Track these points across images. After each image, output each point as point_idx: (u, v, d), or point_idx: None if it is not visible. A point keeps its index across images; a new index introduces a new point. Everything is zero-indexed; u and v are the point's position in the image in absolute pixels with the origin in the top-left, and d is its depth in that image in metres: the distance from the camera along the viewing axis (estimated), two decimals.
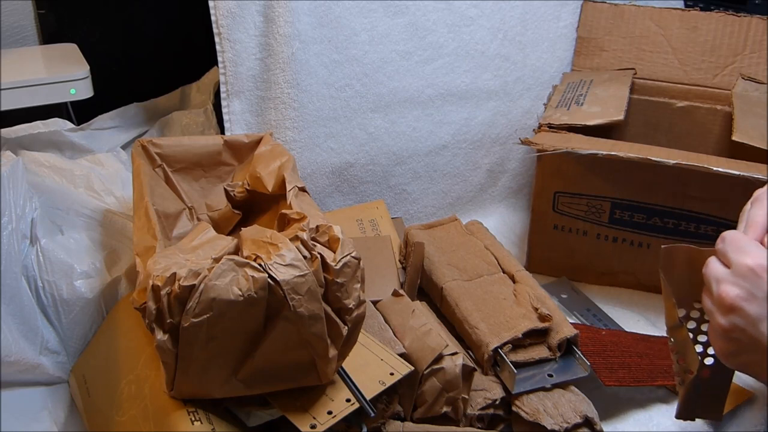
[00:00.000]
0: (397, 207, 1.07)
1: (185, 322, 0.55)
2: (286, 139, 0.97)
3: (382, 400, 0.69)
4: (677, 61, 1.09)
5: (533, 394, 0.73)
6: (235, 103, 0.97)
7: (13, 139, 0.91)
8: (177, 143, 0.82)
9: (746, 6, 1.19)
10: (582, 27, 1.15)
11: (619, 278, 0.97)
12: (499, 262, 0.88)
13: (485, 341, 0.75)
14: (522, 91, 1.12)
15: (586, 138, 0.91)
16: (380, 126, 1.02)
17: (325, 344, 0.60)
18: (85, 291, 0.77)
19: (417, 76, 1.04)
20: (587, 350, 0.77)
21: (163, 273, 0.55)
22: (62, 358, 0.78)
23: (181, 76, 1.21)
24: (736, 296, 0.57)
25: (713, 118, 1.07)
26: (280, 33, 0.93)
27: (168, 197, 0.78)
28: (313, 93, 0.97)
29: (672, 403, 0.78)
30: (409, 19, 1.02)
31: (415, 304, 0.78)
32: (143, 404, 0.64)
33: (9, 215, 0.74)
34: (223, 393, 0.60)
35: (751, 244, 0.58)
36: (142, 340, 0.70)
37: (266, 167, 0.76)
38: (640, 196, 0.91)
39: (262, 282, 0.56)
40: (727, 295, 0.57)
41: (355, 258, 0.60)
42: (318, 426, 0.60)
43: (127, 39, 1.18)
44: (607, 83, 1.05)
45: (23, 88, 0.93)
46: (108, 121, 1.07)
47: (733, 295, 0.57)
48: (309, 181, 0.99)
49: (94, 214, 0.84)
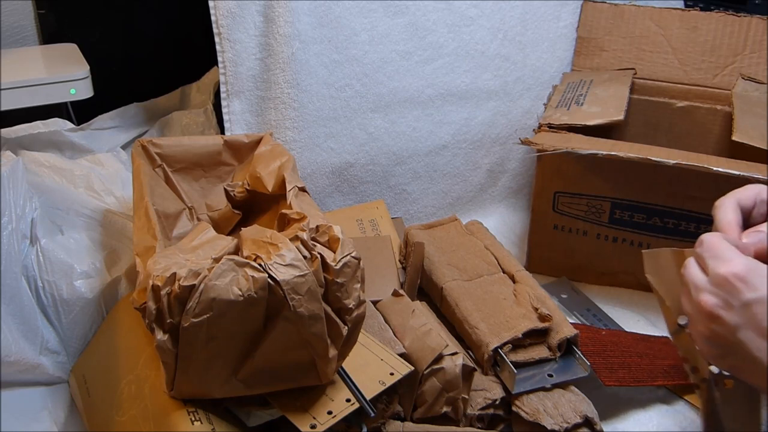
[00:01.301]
0: (397, 207, 1.07)
1: (185, 322, 0.55)
2: (286, 139, 0.97)
3: (382, 400, 0.69)
4: (677, 61, 1.09)
5: (533, 394, 0.73)
6: (235, 103, 0.97)
7: (13, 139, 0.91)
8: (177, 143, 0.82)
9: (746, 6, 1.19)
10: (582, 27, 1.15)
11: (619, 278, 0.97)
12: (499, 262, 0.88)
13: (485, 341, 0.75)
14: (522, 91, 1.12)
15: (586, 138, 0.91)
16: (380, 126, 1.02)
17: (325, 344, 0.60)
18: (85, 291, 0.77)
19: (417, 76, 1.04)
20: (587, 350, 0.77)
21: (163, 273, 0.55)
22: (62, 358, 0.78)
23: (181, 76, 1.21)
24: (714, 305, 0.57)
25: (713, 118, 1.07)
26: (280, 33, 0.93)
27: (168, 197, 0.78)
28: (313, 93, 0.97)
29: (672, 404, 0.78)
30: (409, 19, 1.02)
31: (415, 304, 0.78)
32: (143, 404, 0.64)
33: (9, 215, 0.74)
34: (223, 393, 0.60)
35: (726, 249, 0.58)
36: (142, 340, 0.70)
37: (266, 167, 0.76)
38: (640, 196, 0.91)
39: (262, 282, 0.56)
40: (705, 303, 0.57)
41: (355, 258, 0.60)
42: (318, 426, 0.60)
43: (127, 39, 1.18)
44: (607, 83, 1.05)
45: (23, 88, 0.93)
46: (108, 121, 1.07)
47: (711, 304, 0.57)
48: (309, 181, 0.99)
49: (94, 214, 0.84)
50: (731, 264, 0.57)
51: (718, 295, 0.57)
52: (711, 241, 0.59)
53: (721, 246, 0.58)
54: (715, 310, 0.57)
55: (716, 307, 0.57)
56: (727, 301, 0.57)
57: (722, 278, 0.57)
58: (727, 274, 0.57)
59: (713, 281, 0.57)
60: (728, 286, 0.57)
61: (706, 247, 0.59)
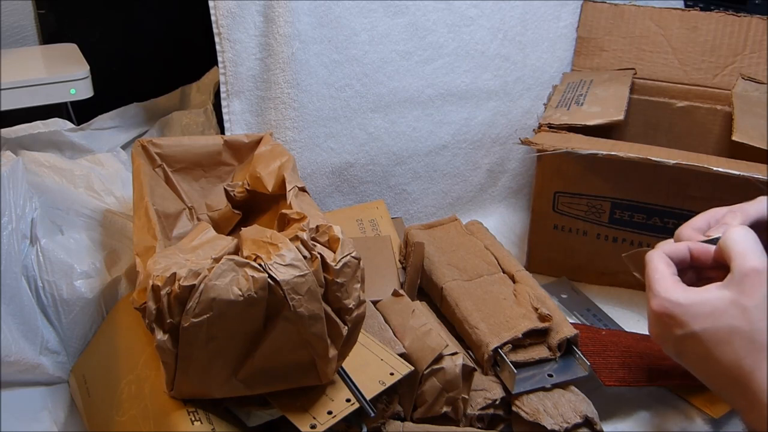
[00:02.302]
0: (397, 207, 1.07)
1: (185, 322, 0.55)
2: (286, 139, 0.97)
3: (382, 400, 0.69)
4: (677, 61, 1.09)
5: (533, 394, 0.73)
6: (235, 103, 0.97)
7: (13, 139, 0.91)
8: (177, 143, 0.82)
9: (746, 6, 1.19)
10: (582, 27, 1.15)
11: (619, 278, 0.97)
12: (499, 262, 0.88)
13: (485, 341, 0.75)
14: (522, 91, 1.12)
15: (586, 138, 0.91)
16: (380, 126, 1.02)
17: (325, 344, 0.60)
18: (85, 291, 0.77)
19: (417, 76, 1.04)
20: (587, 350, 0.77)
21: (163, 273, 0.55)
22: (62, 358, 0.78)
23: (181, 76, 1.21)
24: (656, 336, 0.62)
25: (713, 118, 1.07)
26: (280, 33, 0.93)
27: (168, 197, 0.78)
28: (313, 93, 0.97)
29: (672, 403, 0.78)
30: (409, 19, 1.02)
31: (415, 304, 0.78)
32: (143, 404, 0.64)
33: (9, 215, 0.74)
34: (223, 393, 0.60)
35: (659, 281, 0.61)
36: (142, 340, 0.70)
37: (266, 167, 0.76)
38: (640, 196, 0.91)
39: (262, 282, 0.56)
40: (651, 331, 0.63)
41: (355, 258, 0.60)
42: (318, 426, 0.60)
43: (127, 39, 1.18)
44: (607, 83, 1.05)
45: (23, 88, 0.93)
46: (108, 121, 1.07)
47: (654, 334, 0.62)
48: (309, 181, 0.99)
49: (94, 214, 0.84)
50: (658, 300, 0.60)
51: (656, 326, 0.62)
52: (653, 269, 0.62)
53: (656, 275, 0.62)
54: (657, 339, 0.62)
55: (658, 338, 0.62)
56: (662, 336, 0.61)
57: (653, 312, 0.61)
58: (657, 309, 0.61)
59: (650, 312, 0.62)
60: (661, 321, 0.61)
61: (649, 273, 0.63)
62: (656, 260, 0.63)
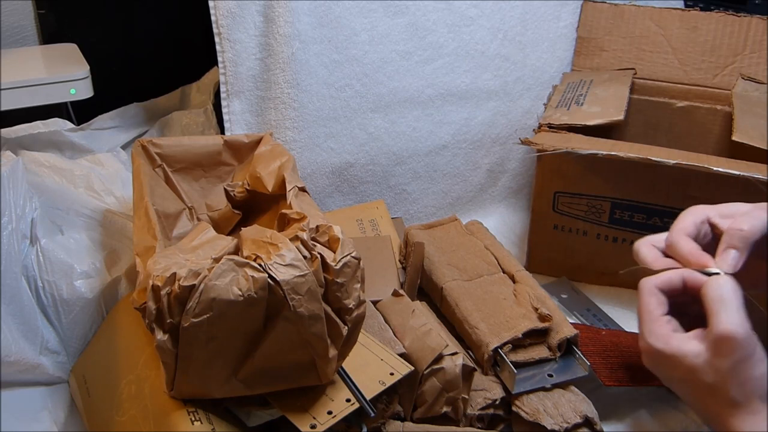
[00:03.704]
0: (397, 207, 1.07)
1: (185, 322, 0.55)
2: (286, 139, 0.97)
3: (382, 400, 0.69)
4: (677, 61, 1.09)
5: (533, 394, 0.73)
6: (235, 103, 0.97)
7: (13, 139, 0.91)
8: (177, 143, 0.82)
9: (746, 6, 1.19)
10: (582, 27, 1.15)
11: (619, 278, 0.97)
12: (499, 262, 0.88)
13: (485, 341, 0.75)
14: (522, 91, 1.12)
15: (586, 138, 0.91)
16: (380, 126, 1.02)
17: (325, 344, 0.60)
18: (85, 291, 0.77)
19: (417, 76, 1.04)
20: (587, 350, 0.77)
21: (163, 273, 0.55)
22: (62, 358, 0.78)
23: (181, 76, 1.21)
24: (646, 363, 0.64)
25: (713, 118, 1.07)
26: (280, 33, 0.93)
27: (168, 197, 0.78)
28: (313, 93, 0.97)
29: (673, 404, 0.78)
30: (409, 19, 1.02)
31: (415, 304, 0.78)
32: (143, 404, 0.64)
33: (9, 215, 0.74)
34: (223, 393, 0.60)
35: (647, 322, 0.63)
36: (142, 340, 0.70)
37: (266, 167, 0.76)
38: (640, 196, 0.91)
39: (262, 282, 0.56)
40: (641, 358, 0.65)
41: (355, 258, 0.60)
42: (318, 426, 0.60)
43: (127, 39, 1.18)
44: (607, 83, 1.05)
45: (23, 88, 0.93)
46: (108, 121, 1.07)
47: (644, 361, 0.64)
48: (309, 181, 0.99)
49: (94, 214, 0.84)
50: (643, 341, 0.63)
51: (645, 358, 0.64)
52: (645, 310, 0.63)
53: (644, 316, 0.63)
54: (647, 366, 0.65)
55: (647, 364, 0.65)
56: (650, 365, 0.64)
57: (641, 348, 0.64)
58: (642, 348, 0.63)
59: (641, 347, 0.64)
60: (647, 357, 0.64)
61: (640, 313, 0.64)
62: (647, 295, 0.63)
